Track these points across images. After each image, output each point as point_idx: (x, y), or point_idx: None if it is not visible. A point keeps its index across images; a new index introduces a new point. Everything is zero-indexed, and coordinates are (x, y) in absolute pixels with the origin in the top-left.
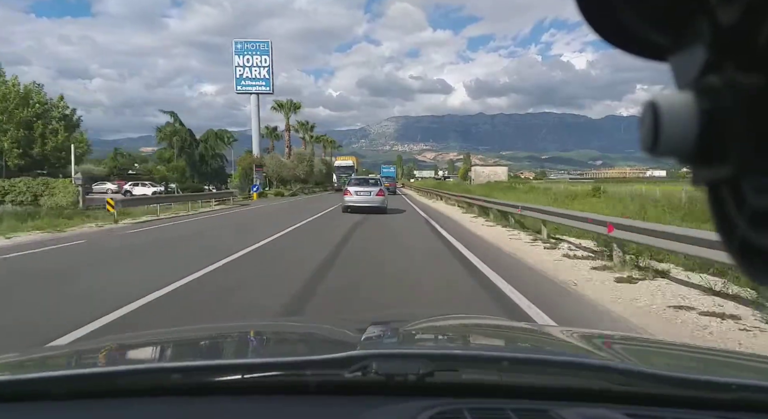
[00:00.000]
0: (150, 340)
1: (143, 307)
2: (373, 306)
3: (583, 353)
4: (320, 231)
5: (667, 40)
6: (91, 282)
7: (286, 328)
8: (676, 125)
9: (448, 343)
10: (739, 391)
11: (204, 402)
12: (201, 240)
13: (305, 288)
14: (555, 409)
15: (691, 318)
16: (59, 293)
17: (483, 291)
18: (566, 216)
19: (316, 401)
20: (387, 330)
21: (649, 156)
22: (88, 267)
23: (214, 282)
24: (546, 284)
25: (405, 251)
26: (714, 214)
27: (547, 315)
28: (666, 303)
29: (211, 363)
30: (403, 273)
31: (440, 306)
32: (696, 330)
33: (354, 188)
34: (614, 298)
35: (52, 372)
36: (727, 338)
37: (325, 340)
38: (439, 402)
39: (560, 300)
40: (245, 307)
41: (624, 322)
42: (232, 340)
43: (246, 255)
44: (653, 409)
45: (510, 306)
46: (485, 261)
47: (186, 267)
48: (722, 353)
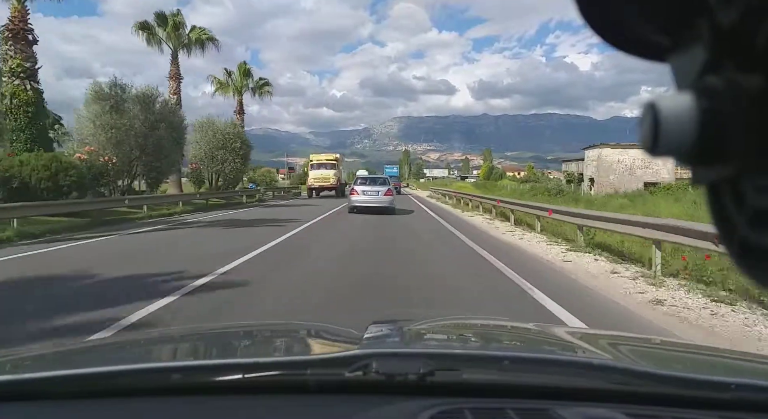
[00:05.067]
0: (150, 340)
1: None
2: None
3: (584, 352)
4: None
5: (667, 40)
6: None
7: (286, 328)
8: (676, 125)
9: (449, 343)
10: (739, 391)
11: (204, 402)
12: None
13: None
14: (556, 409)
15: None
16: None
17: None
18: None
19: (316, 400)
20: (388, 329)
21: (650, 156)
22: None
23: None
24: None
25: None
26: (714, 214)
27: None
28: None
29: (211, 363)
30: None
31: None
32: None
33: (361, 187)
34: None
35: (52, 372)
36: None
37: (325, 340)
38: (440, 401)
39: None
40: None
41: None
42: (232, 340)
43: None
44: (653, 409)
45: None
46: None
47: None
48: (722, 353)
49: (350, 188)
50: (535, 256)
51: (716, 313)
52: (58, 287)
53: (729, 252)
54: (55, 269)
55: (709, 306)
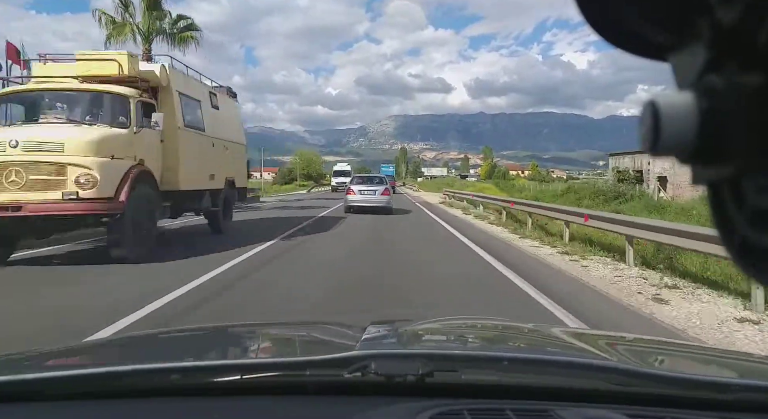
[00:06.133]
0: (149, 340)
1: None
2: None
3: (584, 353)
4: None
5: (667, 39)
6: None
7: (285, 328)
8: (676, 124)
9: (448, 343)
10: (740, 391)
11: (203, 402)
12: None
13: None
14: (555, 410)
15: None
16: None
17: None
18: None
19: (315, 401)
20: (387, 330)
21: (650, 156)
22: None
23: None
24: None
25: None
26: (714, 214)
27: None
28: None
29: (211, 364)
30: None
31: None
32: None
33: (358, 187)
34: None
35: (51, 372)
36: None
37: (324, 340)
38: (439, 402)
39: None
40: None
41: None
42: (232, 340)
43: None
44: (654, 410)
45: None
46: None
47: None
48: (723, 353)
49: (347, 188)
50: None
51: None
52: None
53: (729, 251)
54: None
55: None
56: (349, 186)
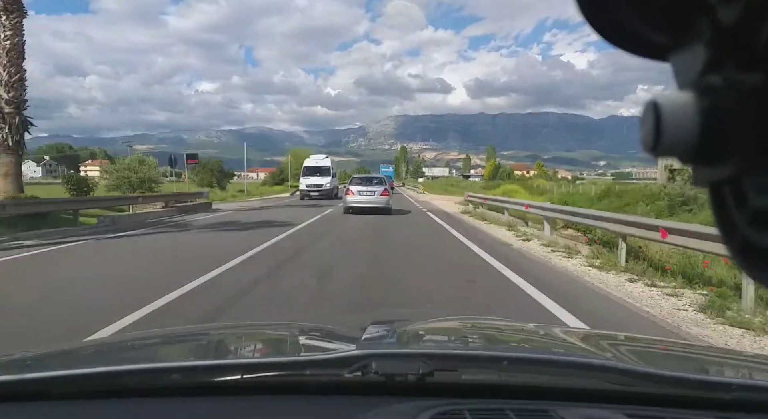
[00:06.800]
0: (150, 340)
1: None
2: None
3: (584, 353)
4: None
5: (667, 39)
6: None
7: (286, 328)
8: (677, 125)
9: (449, 343)
10: (739, 391)
11: (204, 402)
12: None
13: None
14: (555, 409)
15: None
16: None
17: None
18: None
19: (315, 401)
20: (387, 330)
21: (651, 156)
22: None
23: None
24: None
25: None
26: (715, 214)
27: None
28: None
29: (211, 363)
30: None
31: None
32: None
33: (357, 187)
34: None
35: (51, 372)
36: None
37: (325, 340)
38: (440, 402)
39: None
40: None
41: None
42: (232, 340)
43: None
44: (654, 409)
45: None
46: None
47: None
48: (722, 353)
49: (345, 188)
50: None
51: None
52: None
53: (730, 251)
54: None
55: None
56: (348, 187)
